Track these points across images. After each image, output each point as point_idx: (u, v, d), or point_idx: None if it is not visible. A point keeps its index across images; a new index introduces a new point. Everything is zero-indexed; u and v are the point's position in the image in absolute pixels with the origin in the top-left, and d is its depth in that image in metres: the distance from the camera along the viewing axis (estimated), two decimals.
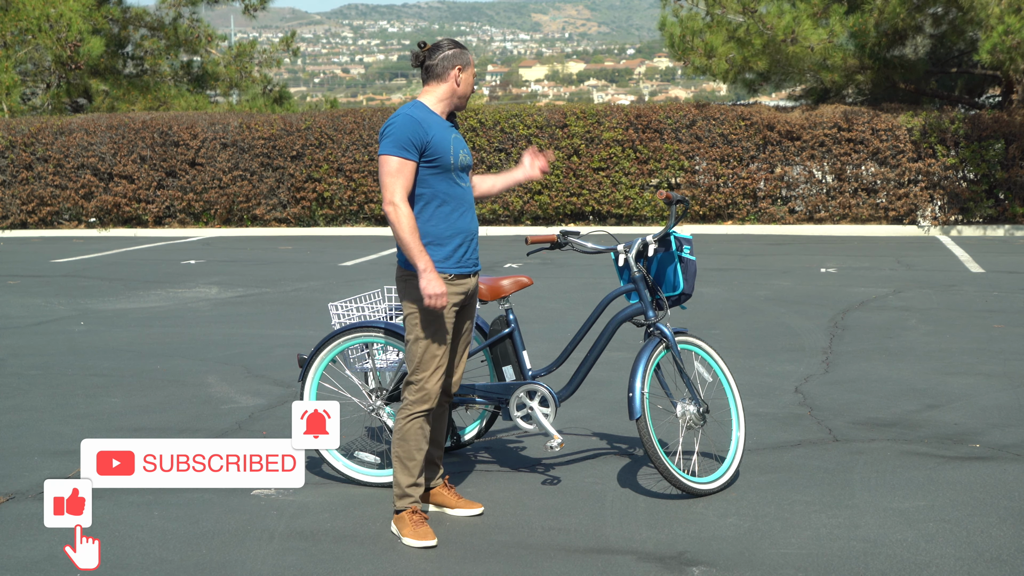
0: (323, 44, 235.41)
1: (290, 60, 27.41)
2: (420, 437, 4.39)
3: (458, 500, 4.65)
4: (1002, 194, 15.54)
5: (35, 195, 18.02)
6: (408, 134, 4.25)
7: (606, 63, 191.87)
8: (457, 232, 4.36)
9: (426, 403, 4.36)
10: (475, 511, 4.61)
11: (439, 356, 4.35)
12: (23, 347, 8.34)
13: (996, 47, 14.37)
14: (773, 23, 15.59)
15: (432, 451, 4.61)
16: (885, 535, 4.32)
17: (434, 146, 4.29)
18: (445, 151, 4.31)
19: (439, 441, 4.66)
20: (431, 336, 4.33)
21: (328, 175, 17.27)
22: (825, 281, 11.05)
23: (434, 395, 4.37)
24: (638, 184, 16.52)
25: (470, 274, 4.43)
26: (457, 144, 4.38)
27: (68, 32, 20.29)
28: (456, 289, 4.37)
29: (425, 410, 4.37)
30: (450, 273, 4.34)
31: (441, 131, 4.35)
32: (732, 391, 5.08)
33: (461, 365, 4.61)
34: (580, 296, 10.16)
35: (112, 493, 4.78)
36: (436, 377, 4.36)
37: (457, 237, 4.36)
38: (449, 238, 4.34)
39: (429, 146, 4.29)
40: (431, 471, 4.65)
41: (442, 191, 4.33)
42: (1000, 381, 6.77)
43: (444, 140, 4.32)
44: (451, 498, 4.65)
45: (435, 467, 4.67)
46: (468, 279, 4.42)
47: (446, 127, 4.39)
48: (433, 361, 4.34)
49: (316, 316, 9.24)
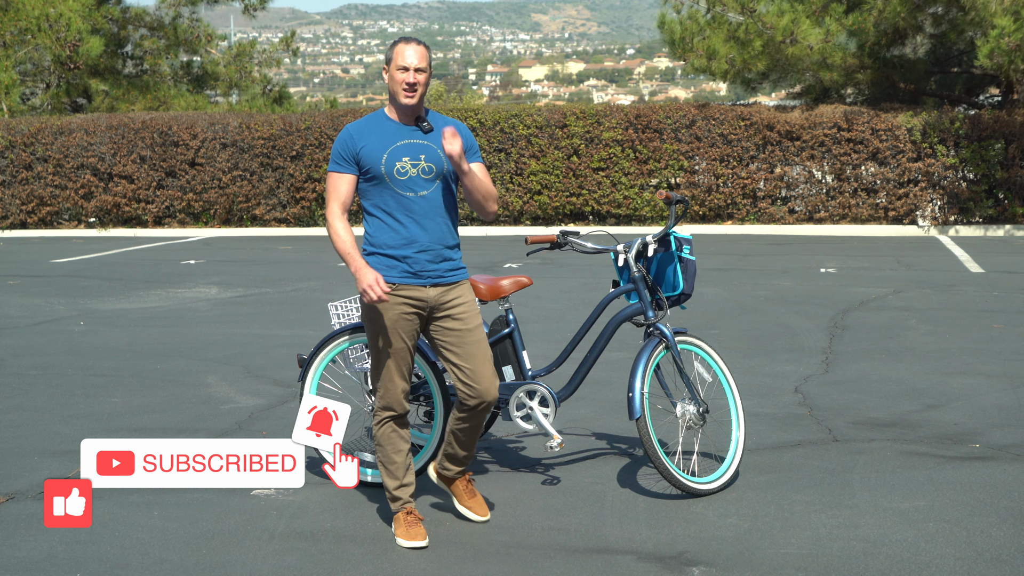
0: (323, 44, 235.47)
1: (290, 60, 27.42)
2: (394, 440, 4.40)
3: (470, 499, 4.56)
4: (1002, 194, 15.54)
5: (35, 195, 18.02)
6: (339, 147, 4.30)
7: (606, 63, 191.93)
8: (404, 243, 4.23)
9: (389, 409, 4.38)
10: (480, 517, 4.52)
11: (390, 364, 4.30)
12: (23, 347, 8.34)
13: (994, 51, 14.37)
14: (773, 22, 15.59)
15: (457, 449, 4.48)
16: (885, 535, 4.32)
17: (363, 156, 4.24)
18: (375, 161, 4.21)
19: (466, 443, 4.50)
20: (382, 343, 4.31)
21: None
22: (825, 281, 11.05)
23: (395, 401, 4.35)
24: (638, 184, 16.53)
25: (423, 285, 4.26)
26: (401, 152, 4.22)
27: (67, 32, 20.29)
28: (401, 300, 4.25)
29: (389, 416, 4.39)
30: (392, 282, 4.24)
31: (379, 140, 4.24)
32: (732, 391, 5.08)
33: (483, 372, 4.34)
34: (580, 296, 10.16)
35: (112, 493, 4.78)
36: (392, 383, 4.33)
37: (404, 248, 4.23)
38: (395, 248, 4.24)
39: (359, 157, 4.24)
40: (453, 463, 4.54)
41: (382, 202, 4.25)
42: (1000, 381, 6.77)
43: (377, 150, 4.22)
44: (464, 495, 4.56)
45: (458, 462, 4.54)
46: (420, 289, 4.26)
47: (392, 135, 4.25)
48: (385, 369, 4.33)
49: (316, 316, 9.23)
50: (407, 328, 4.30)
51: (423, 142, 4.27)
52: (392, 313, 4.28)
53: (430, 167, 4.25)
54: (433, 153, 4.26)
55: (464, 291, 4.37)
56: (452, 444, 4.51)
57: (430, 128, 4.29)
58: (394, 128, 4.29)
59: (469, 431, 4.46)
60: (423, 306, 4.30)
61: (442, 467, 4.58)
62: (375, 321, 4.31)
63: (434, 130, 4.30)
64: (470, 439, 4.49)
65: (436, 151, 4.26)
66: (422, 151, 4.25)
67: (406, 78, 4.20)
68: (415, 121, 4.30)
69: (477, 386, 4.32)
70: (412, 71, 4.21)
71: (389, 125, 4.29)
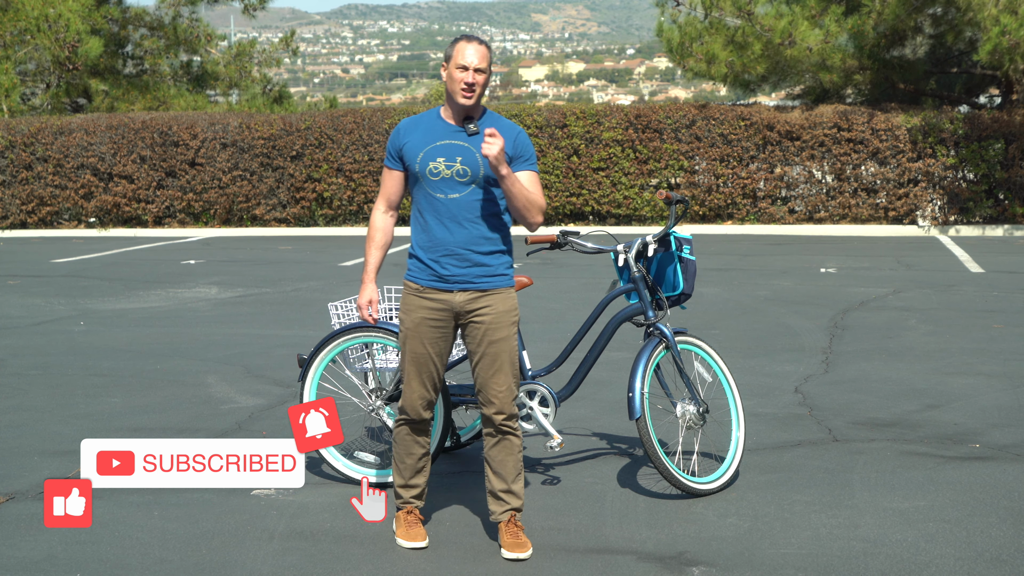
0: (323, 44, 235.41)
1: (290, 60, 27.42)
2: (408, 443, 4.37)
3: (513, 544, 4.19)
4: (1002, 194, 15.55)
5: (35, 195, 18.01)
6: (389, 143, 4.30)
7: (606, 63, 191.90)
8: (431, 245, 4.18)
9: (405, 412, 4.33)
10: (519, 555, 4.17)
11: (409, 368, 4.26)
12: (23, 347, 8.34)
13: (995, 48, 14.37)
14: (771, 24, 15.59)
15: (493, 481, 4.28)
16: (885, 535, 4.32)
17: (405, 153, 4.22)
18: (412, 159, 4.18)
19: (500, 473, 4.28)
20: (405, 346, 4.28)
21: (328, 175, 17.27)
22: (825, 281, 11.05)
23: (410, 406, 4.29)
24: (638, 184, 16.53)
25: (450, 290, 4.19)
26: (438, 152, 4.15)
27: (66, 33, 20.29)
28: (427, 303, 4.20)
29: (404, 419, 4.34)
30: (419, 284, 4.23)
31: (421, 138, 4.19)
32: (732, 391, 5.08)
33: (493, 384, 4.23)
34: (580, 296, 10.16)
35: (112, 493, 4.78)
36: (409, 388, 4.28)
37: (430, 251, 4.18)
38: (423, 249, 4.21)
39: (402, 153, 4.23)
40: (494, 503, 4.29)
41: (418, 201, 4.23)
42: (1000, 381, 6.77)
43: (416, 147, 4.18)
44: (507, 539, 4.22)
45: (497, 500, 4.29)
46: (447, 294, 4.18)
47: (436, 133, 4.18)
48: (405, 372, 4.30)
49: (316, 316, 9.23)
50: (430, 334, 4.22)
51: (463, 144, 4.16)
52: (415, 316, 4.23)
53: (465, 170, 4.14)
54: (471, 156, 4.15)
55: (497, 300, 4.22)
56: (488, 476, 4.31)
57: (475, 130, 4.15)
58: (440, 127, 4.21)
59: (496, 450, 4.27)
60: (449, 312, 4.21)
61: (490, 513, 4.33)
62: (402, 323, 4.28)
63: (479, 133, 4.16)
64: (500, 464, 4.27)
65: (475, 154, 4.14)
66: (459, 153, 4.16)
67: (465, 77, 4.11)
68: (463, 122, 4.20)
69: (485, 392, 4.25)
70: (472, 71, 4.11)
71: (438, 123, 4.22)
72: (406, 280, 4.31)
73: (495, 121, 4.24)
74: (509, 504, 4.28)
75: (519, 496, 4.30)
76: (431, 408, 4.35)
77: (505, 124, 4.24)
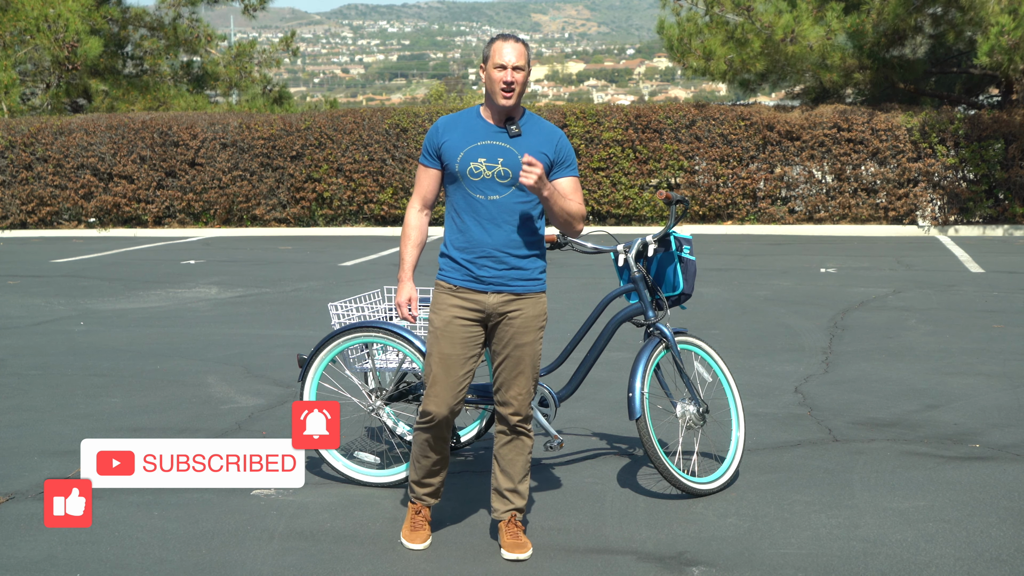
0: (323, 44, 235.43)
1: (290, 60, 27.42)
2: (424, 447, 4.31)
3: (513, 545, 4.20)
4: (1002, 194, 15.55)
5: (35, 195, 18.01)
6: (427, 140, 4.23)
7: (606, 63, 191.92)
8: (467, 245, 4.12)
9: (426, 417, 4.24)
10: (520, 555, 4.16)
11: (436, 368, 4.18)
12: (23, 347, 8.34)
13: (994, 48, 14.37)
14: (771, 21, 15.59)
15: (500, 479, 4.28)
16: (885, 535, 4.32)
17: (444, 152, 4.15)
18: (452, 158, 4.12)
19: (508, 472, 4.28)
20: (434, 348, 4.19)
21: (328, 175, 17.27)
22: (825, 281, 11.05)
23: (436, 411, 4.19)
24: (638, 184, 16.53)
25: (484, 291, 4.14)
26: (479, 153, 4.09)
27: (66, 33, 20.29)
28: (460, 303, 4.16)
29: (425, 424, 4.25)
30: (453, 283, 4.18)
31: (461, 137, 4.12)
32: (732, 391, 5.08)
33: (514, 386, 4.22)
34: (580, 296, 10.16)
35: (112, 493, 4.78)
36: (433, 388, 4.19)
37: (465, 251, 4.13)
38: (458, 250, 4.16)
39: (441, 151, 4.16)
40: (497, 501, 4.30)
41: (455, 200, 4.17)
42: (1000, 381, 6.77)
43: (456, 147, 4.11)
44: (506, 539, 4.22)
45: (501, 498, 4.29)
46: (481, 295, 4.14)
47: (477, 133, 4.12)
48: (431, 372, 4.20)
49: (316, 316, 9.23)
50: (460, 334, 4.16)
51: (505, 145, 4.10)
52: (446, 315, 4.17)
53: (506, 171, 4.08)
54: (513, 158, 4.08)
55: (529, 305, 4.19)
56: (495, 474, 4.30)
57: (518, 132, 4.10)
58: (481, 127, 4.14)
59: (507, 449, 4.26)
60: (482, 312, 4.16)
61: (492, 510, 4.34)
62: (432, 322, 4.22)
63: (522, 135, 4.12)
64: (510, 463, 4.27)
65: (516, 156, 4.08)
66: (501, 154, 4.09)
67: (504, 76, 4.04)
68: (505, 122, 4.13)
69: (504, 393, 4.22)
70: (510, 69, 4.04)
71: (478, 123, 4.16)
72: (438, 280, 4.24)
73: (535, 122, 4.19)
74: (513, 504, 4.28)
75: (523, 496, 4.30)
76: (455, 416, 4.25)
77: (545, 126, 4.20)
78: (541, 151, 4.13)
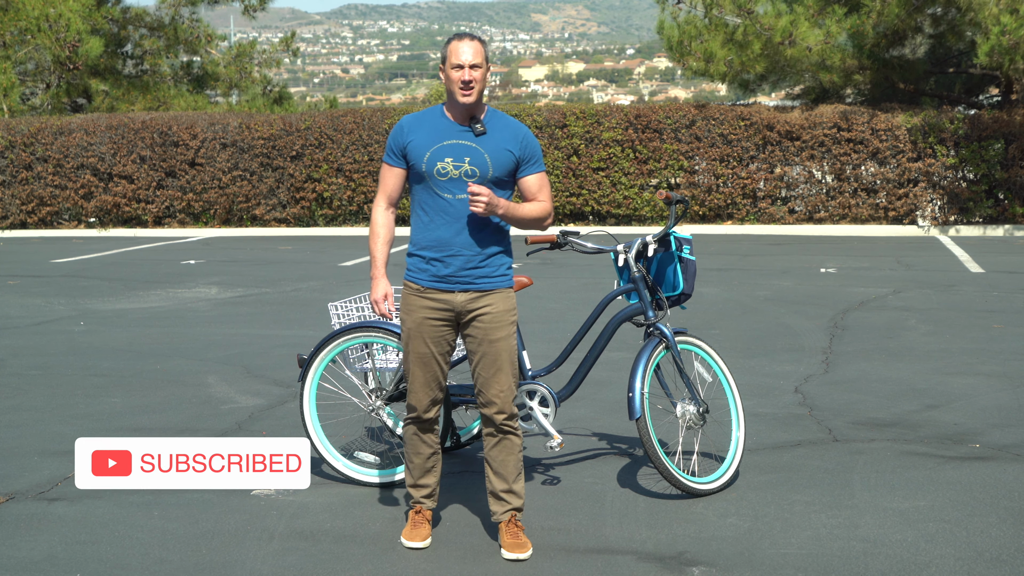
0: (323, 44, 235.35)
1: (290, 60, 27.43)
2: (415, 442, 4.38)
3: (513, 545, 4.20)
4: (1002, 194, 15.55)
5: (35, 195, 18.02)
6: (391, 139, 4.27)
7: (606, 63, 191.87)
8: (435, 244, 4.16)
9: (412, 412, 4.35)
10: (519, 555, 4.17)
11: (413, 368, 4.26)
12: (23, 347, 8.34)
13: (994, 48, 14.37)
14: (771, 23, 15.59)
15: (494, 481, 4.29)
16: (885, 535, 4.32)
17: (410, 151, 4.18)
18: (419, 158, 4.14)
19: (501, 473, 4.28)
20: (408, 346, 4.28)
21: (328, 175, 17.27)
22: (825, 281, 11.05)
23: (419, 405, 4.30)
24: (638, 184, 16.53)
25: (451, 291, 4.18)
26: (445, 152, 4.11)
27: (67, 32, 20.30)
28: (429, 303, 4.20)
29: (411, 418, 4.36)
30: (421, 284, 4.22)
31: (427, 137, 4.15)
32: (732, 391, 5.08)
33: (494, 384, 4.23)
34: (580, 296, 10.16)
35: (112, 493, 4.79)
36: (413, 387, 4.29)
37: (433, 250, 4.16)
38: (425, 249, 4.19)
39: (406, 151, 4.19)
40: (495, 503, 4.31)
41: (422, 200, 4.20)
42: (1000, 381, 6.76)
43: (422, 146, 4.14)
44: (506, 539, 4.23)
45: (498, 500, 4.30)
46: (448, 294, 4.18)
47: (442, 133, 4.15)
48: (409, 372, 4.30)
49: (316, 316, 9.24)
50: (432, 333, 4.22)
51: (471, 144, 4.13)
52: (417, 316, 4.22)
53: (473, 171, 4.12)
54: (479, 157, 4.12)
55: (497, 299, 4.22)
56: (489, 477, 4.31)
57: (483, 130, 4.14)
58: (446, 126, 4.17)
59: (497, 451, 4.28)
60: (451, 311, 4.20)
61: (491, 513, 4.34)
62: (404, 323, 4.28)
63: (487, 132, 4.15)
64: (501, 464, 4.28)
65: (483, 155, 4.13)
66: (467, 153, 4.13)
67: (462, 76, 4.08)
68: (470, 121, 4.16)
69: (485, 393, 4.25)
70: (467, 68, 4.08)
71: (442, 122, 4.18)
72: (406, 280, 4.29)
73: (500, 119, 4.22)
74: (510, 504, 4.29)
75: (520, 496, 4.31)
76: (437, 406, 4.36)
77: (510, 123, 4.23)
78: (506, 148, 4.17)
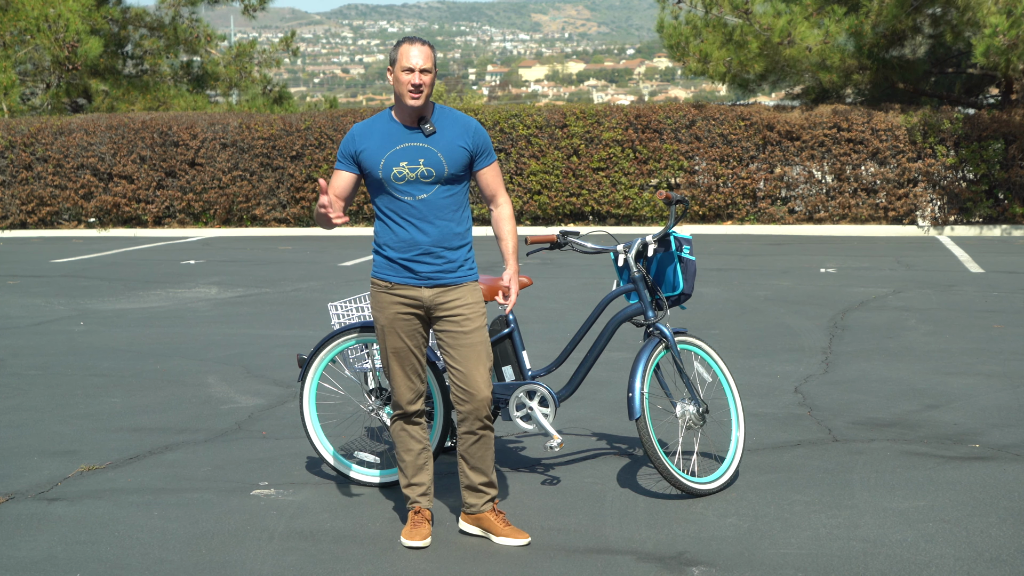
0: (323, 44, 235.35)
1: (290, 60, 27.42)
2: (403, 438, 4.42)
3: (504, 527, 4.32)
4: (1001, 194, 15.55)
5: (35, 195, 18.02)
6: (343, 146, 4.32)
7: (606, 63, 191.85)
8: (402, 245, 4.22)
9: (397, 407, 4.40)
10: (521, 541, 4.27)
11: (392, 363, 4.33)
12: (23, 347, 8.34)
13: (990, 49, 14.36)
14: (769, 23, 15.59)
15: (472, 476, 4.35)
16: (885, 535, 4.32)
17: (363, 159, 4.24)
18: (374, 166, 4.20)
19: (479, 467, 4.35)
20: (384, 342, 4.34)
21: (328, 175, 17.26)
22: (825, 281, 11.05)
23: (402, 399, 4.36)
24: (638, 184, 16.53)
25: (419, 286, 4.24)
26: (399, 157, 4.17)
27: (66, 32, 20.29)
28: (398, 299, 4.27)
29: (397, 414, 4.42)
30: (389, 280, 4.27)
31: (379, 144, 4.21)
32: (732, 391, 5.08)
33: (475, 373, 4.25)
34: (580, 296, 10.16)
35: (112, 493, 4.79)
36: (395, 382, 4.35)
37: (402, 251, 4.22)
38: (393, 250, 4.24)
39: (359, 159, 4.25)
40: (474, 496, 4.36)
41: (384, 205, 4.26)
42: (1000, 381, 6.77)
43: (376, 154, 4.20)
44: (497, 524, 4.32)
45: (477, 493, 4.36)
46: (416, 289, 4.24)
47: (393, 138, 4.20)
48: (389, 367, 4.36)
49: (316, 316, 9.24)
50: (405, 328, 4.30)
51: (423, 145, 4.20)
52: (389, 312, 4.30)
53: (429, 171, 4.18)
54: (433, 157, 4.18)
55: (465, 293, 4.28)
56: (465, 472, 4.36)
57: (432, 130, 4.20)
58: (397, 131, 4.23)
59: (476, 447, 4.32)
60: (419, 306, 4.28)
61: (466, 507, 4.39)
62: (376, 320, 4.35)
63: (437, 132, 4.22)
64: (480, 459, 4.34)
65: (436, 155, 4.19)
66: (421, 155, 4.19)
67: (411, 79, 4.13)
68: (418, 122, 4.24)
69: (466, 388, 4.27)
70: (417, 72, 4.14)
71: (392, 127, 4.24)
72: (373, 278, 4.34)
73: (448, 115, 4.29)
74: (489, 494, 4.38)
75: (496, 484, 4.42)
76: (421, 399, 4.41)
77: (459, 118, 4.30)
78: (459, 144, 4.23)
